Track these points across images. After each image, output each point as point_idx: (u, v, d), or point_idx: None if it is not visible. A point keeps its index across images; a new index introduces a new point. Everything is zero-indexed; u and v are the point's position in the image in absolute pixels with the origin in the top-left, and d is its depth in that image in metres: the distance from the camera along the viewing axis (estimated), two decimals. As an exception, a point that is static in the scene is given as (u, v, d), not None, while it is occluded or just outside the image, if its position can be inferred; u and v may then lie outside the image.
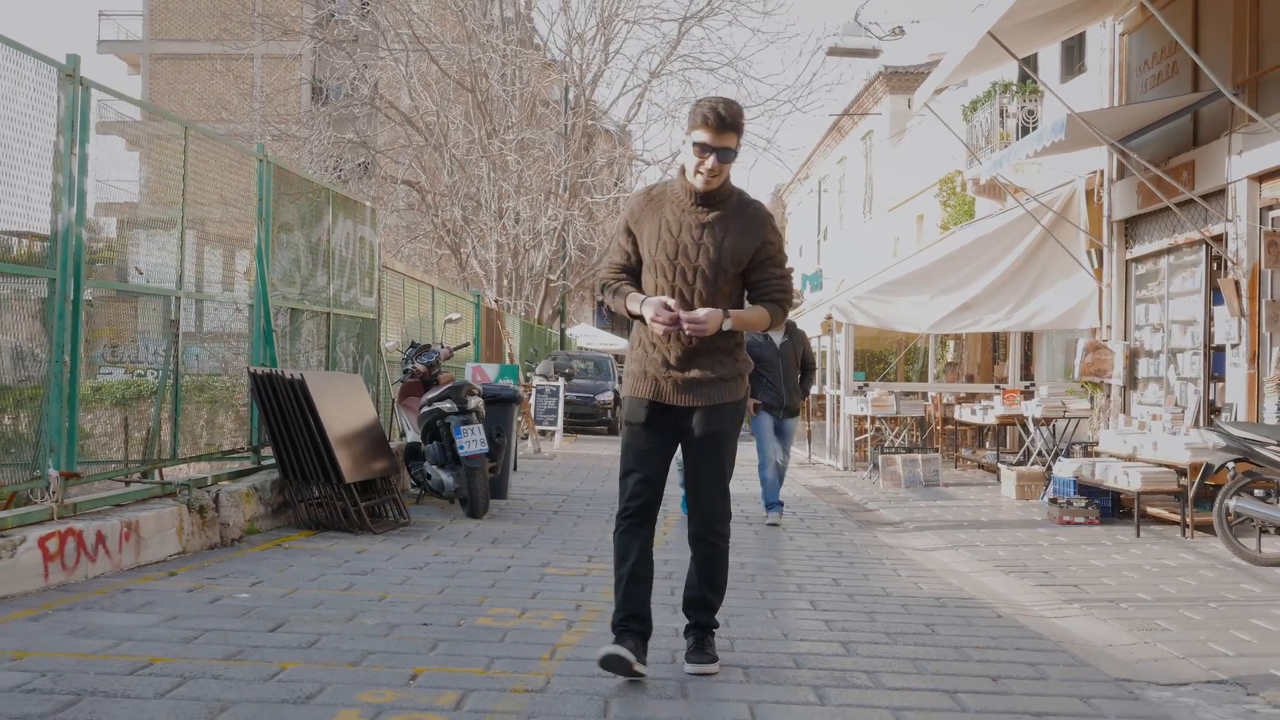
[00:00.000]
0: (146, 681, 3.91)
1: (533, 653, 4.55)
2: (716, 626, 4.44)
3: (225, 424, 8.30)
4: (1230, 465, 7.90)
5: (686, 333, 4.13)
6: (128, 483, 7.10)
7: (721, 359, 4.31)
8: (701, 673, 4.26)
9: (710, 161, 4.14)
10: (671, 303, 4.12)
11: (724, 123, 4.13)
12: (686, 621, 4.43)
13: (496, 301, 23.57)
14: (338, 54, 27.96)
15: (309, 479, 8.05)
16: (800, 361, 9.77)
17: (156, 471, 7.34)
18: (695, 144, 4.16)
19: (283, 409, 7.94)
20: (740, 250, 4.25)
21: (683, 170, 4.28)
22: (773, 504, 9.42)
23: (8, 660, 4.12)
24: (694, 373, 4.27)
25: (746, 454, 9.31)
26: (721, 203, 4.28)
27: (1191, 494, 8.62)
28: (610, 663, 4.06)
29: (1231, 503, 7.63)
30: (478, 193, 26.18)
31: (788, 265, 4.47)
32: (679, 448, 4.44)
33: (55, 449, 6.04)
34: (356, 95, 27.93)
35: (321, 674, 4.10)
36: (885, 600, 6.11)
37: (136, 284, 7.35)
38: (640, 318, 4.27)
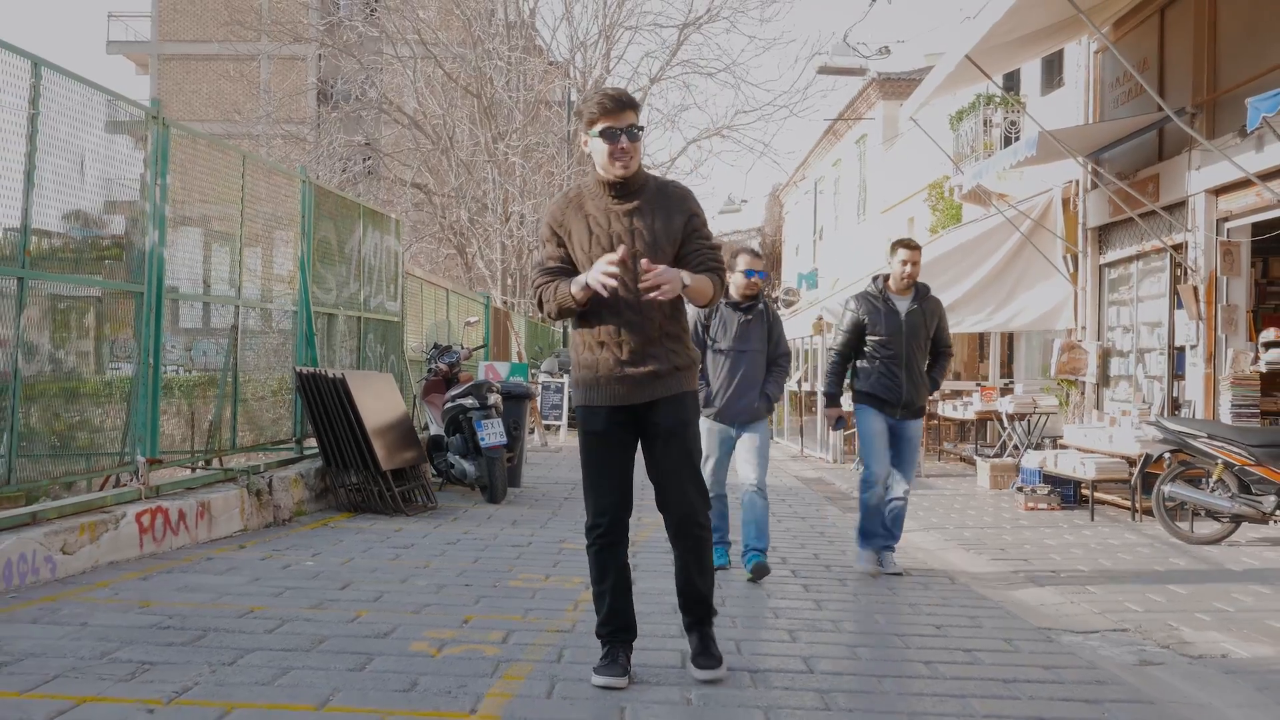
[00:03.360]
0: (254, 622, 4.89)
1: (559, 606, 5.53)
2: (715, 614, 4.44)
3: (274, 418, 9.27)
4: (1167, 455, 8.87)
5: (648, 284, 3.98)
6: (193, 470, 8.07)
7: (673, 347, 4.28)
8: (712, 679, 4.22)
9: (622, 142, 4.16)
10: (618, 255, 4.05)
11: (620, 103, 4.19)
12: (684, 616, 4.43)
13: (504, 302, 24.50)
14: (345, 58, 28.90)
15: (348, 466, 9.02)
16: (932, 341, 7.14)
17: (217, 459, 8.31)
18: (602, 133, 4.17)
19: (325, 404, 8.90)
20: (673, 228, 4.24)
21: (596, 173, 4.31)
22: (871, 534, 7.01)
23: (137, 608, 5.10)
24: (650, 366, 4.21)
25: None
26: (640, 189, 4.28)
27: (1134, 481, 9.60)
28: (603, 687, 4.16)
29: (1167, 489, 8.61)
30: (483, 195, 27.13)
31: (715, 240, 4.43)
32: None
33: (142, 438, 7.01)
34: (364, 99, 28.88)
35: (391, 618, 5.08)
36: (857, 571, 7.07)
37: (201, 293, 8.30)
38: (579, 304, 4.15)
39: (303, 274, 9.42)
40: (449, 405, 10.37)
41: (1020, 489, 11.11)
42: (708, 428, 6.55)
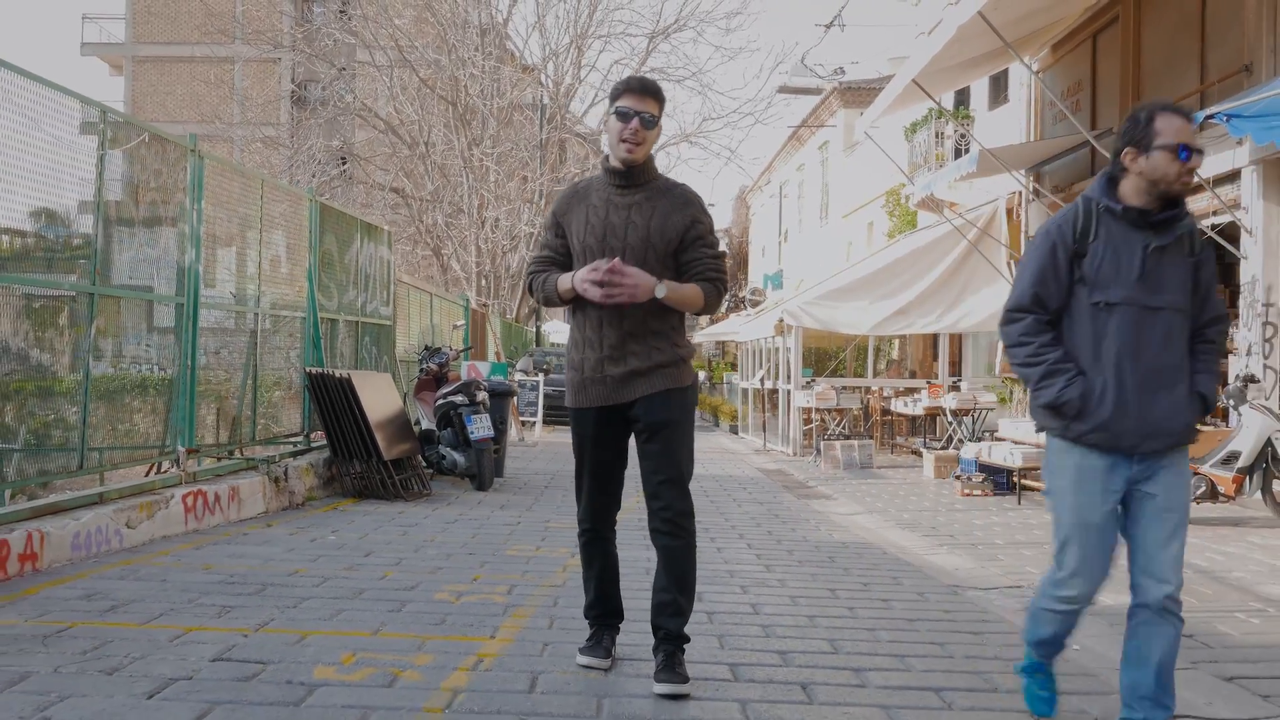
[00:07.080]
0: (302, 579, 5.94)
1: (551, 568, 6.61)
2: (688, 641, 4.23)
3: (285, 413, 10.29)
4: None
5: (606, 287, 3.96)
6: (219, 459, 9.07)
7: (658, 344, 4.15)
8: (673, 694, 4.02)
9: (634, 123, 4.09)
10: (604, 262, 3.99)
11: (645, 87, 4.15)
12: (656, 626, 4.21)
13: (484, 305, 25.50)
14: (321, 63, 29.78)
15: (353, 457, 10.05)
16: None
17: (239, 449, 9.32)
18: (618, 111, 4.11)
19: (333, 401, 9.93)
20: (670, 228, 4.13)
21: (605, 160, 4.25)
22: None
23: (201, 569, 6.14)
24: (631, 363, 4.12)
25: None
26: (647, 184, 4.21)
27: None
28: (586, 667, 4.34)
29: (1078, 474, 9.76)
30: (459, 199, 28.11)
31: (720, 248, 4.32)
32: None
33: (181, 431, 8.03)
34: (341, 104, 29.75)
35: (413, 577, 6.14)
36: (803, 544, 8.19)
37: (228, 302, 9.31)
38: (569, 300, 4.18)
39: (310, 284, 10.43)
40: (441, 402, 11.41)
41: (958, 477, 12.26)
42: (1076, 464, 3.64)
